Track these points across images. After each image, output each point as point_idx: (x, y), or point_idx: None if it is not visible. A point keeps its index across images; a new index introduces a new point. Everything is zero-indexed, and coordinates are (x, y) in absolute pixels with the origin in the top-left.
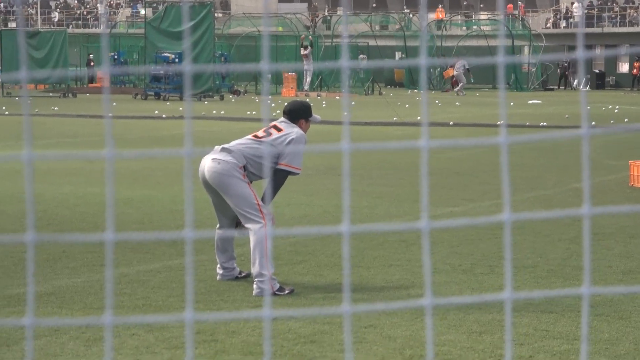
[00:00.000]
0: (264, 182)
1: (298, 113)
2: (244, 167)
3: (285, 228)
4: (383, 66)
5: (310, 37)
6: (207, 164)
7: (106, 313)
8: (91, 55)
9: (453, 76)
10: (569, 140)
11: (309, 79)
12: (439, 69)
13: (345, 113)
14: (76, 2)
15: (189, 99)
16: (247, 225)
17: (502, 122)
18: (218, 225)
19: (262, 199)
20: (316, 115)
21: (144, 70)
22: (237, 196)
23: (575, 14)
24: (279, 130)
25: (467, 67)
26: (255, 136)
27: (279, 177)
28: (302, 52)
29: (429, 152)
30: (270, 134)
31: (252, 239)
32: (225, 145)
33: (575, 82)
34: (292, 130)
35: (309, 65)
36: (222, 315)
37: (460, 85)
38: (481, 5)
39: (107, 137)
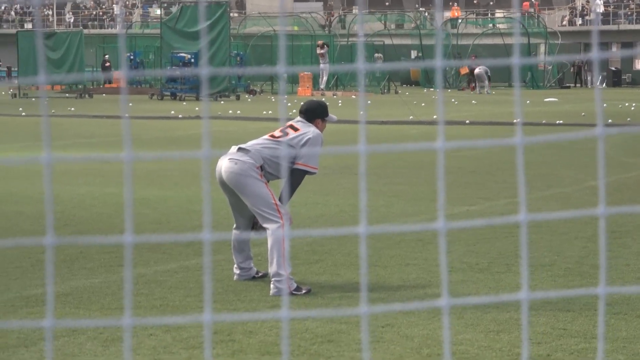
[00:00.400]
0: (281, 182)
1: (314, 113)
2: (261, 167)
3: (301, 228)
4: (400, 68)
5: (321, 41)
6: (224, 164)
7: (125, 314)
8: (107, 56)
9: (468, 73)
10: (586, 138)
11: (325, 78)
12: (454, 68)
13: (361, 113)
14: (92, 2)
15: (206, 101)
16: (264, 225)
17: (518, 122)
18: (235, 226)
19: (280, 199)
20: (332, 115)
21: (162, 73)
22: (255, 196)
23: (595, 10)
24: (295, 129)
25: (489, 74)
26: (272, 136)
27: (296, 176)
28: (318, 51)
29: (445, 151)
30: (287, 134)
31: (269, 239)
32: (242, 145)
33: (599, 79)
34: (309, 130)
35: (325, 65)
36: (240, 316)
37: (485, 84)
38: (491, 3)
39: (125, 139)
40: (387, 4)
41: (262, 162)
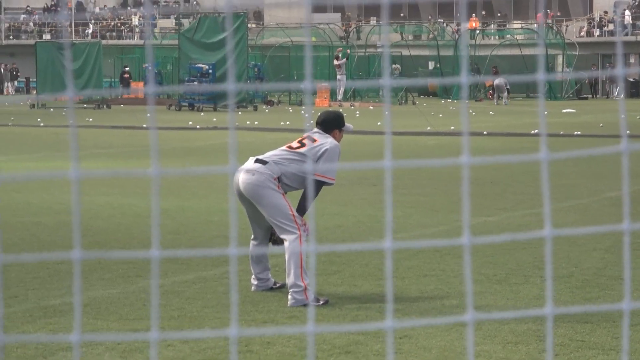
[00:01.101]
0: (299, 193)
1: (331, 123)
2: (279, 179)
3: (319, 238)
4: (426, 83)
5: (348, 50)
6: (242, 175)
7: (152, 328)
8: (127, 68)
9: (492, 85)
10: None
11: (342, 89)
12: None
13: (378, 124)
14: (110, 14)
15: (232, 113)
16: (281, 236)
17: (542, 137)
18: (252, 237)
19: (297, 210)
20: (349, 125)
21: (185, 89)
22: (272, 207)
23: (620, 20)
24: (313, 140)
25: (508, 86)
26: (290, 147)
27: (314, 187)
28: (335, 62)
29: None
30: (304, 145)
31: (287, 250)
32: (260, 157)
33: (617, 91)
34: (326, 141)
35: (342, 76)
36: (264, 330)
37: (504, 95)
38: (498, 14)
39: (152, 154)
40: (401, 14)
41: (279, 174)
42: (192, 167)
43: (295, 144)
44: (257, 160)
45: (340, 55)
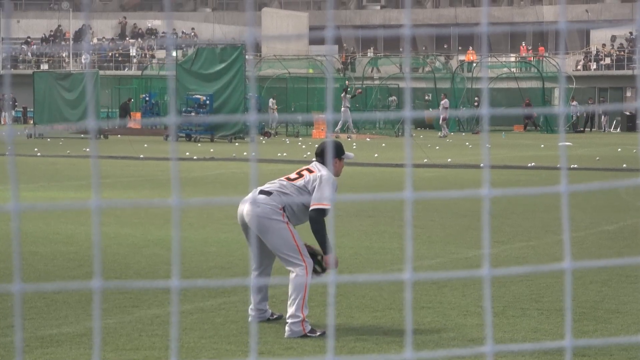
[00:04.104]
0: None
1: (330, 152)
2: (284, 209)
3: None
4: (456, 115)
5: (347, 82)
6: (246, 207)
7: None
8: (131, 100)
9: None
10: (600, 182)
11: (349, 121)
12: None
13: (407, 160)
14: (109, 44)
15: (253, 143)
16: (287, 268)
17: (562, 168)
18: (254, 267)
19: (322, 249)
20: (349, 153)
21: (200, 120)
22: (277, 239)
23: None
24: (310, 172)
25: (446, 106)
26: (288, 178)
27: (315, 218)
28: (343, 94)
29: (461, 194)
30: (302, 176)
31: (292, 281)
32: (263, 188)
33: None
34: (322, 172)
35: (344, 108)
36: None
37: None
38: (486, 44)
39: (173, 185)
40: (401, 49)
41: (284, 204)
42: (212, 197)
43: (293, 175)
44: (261, 192)
45: (348, 89)
